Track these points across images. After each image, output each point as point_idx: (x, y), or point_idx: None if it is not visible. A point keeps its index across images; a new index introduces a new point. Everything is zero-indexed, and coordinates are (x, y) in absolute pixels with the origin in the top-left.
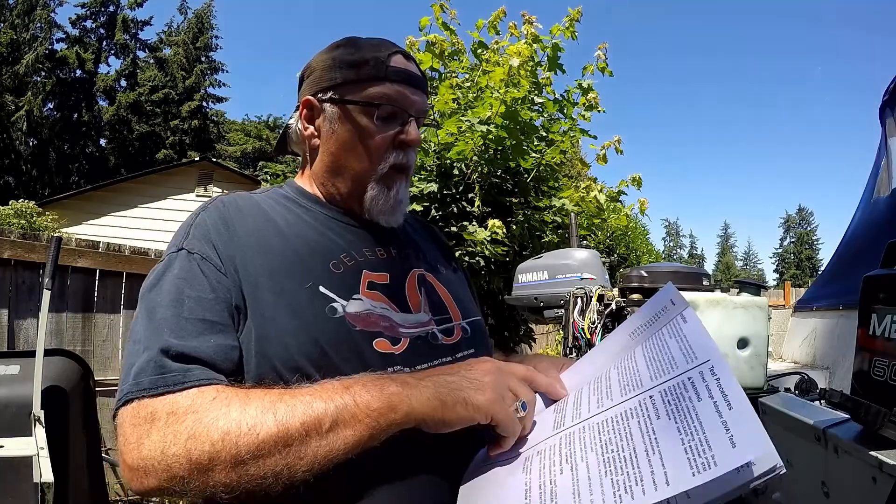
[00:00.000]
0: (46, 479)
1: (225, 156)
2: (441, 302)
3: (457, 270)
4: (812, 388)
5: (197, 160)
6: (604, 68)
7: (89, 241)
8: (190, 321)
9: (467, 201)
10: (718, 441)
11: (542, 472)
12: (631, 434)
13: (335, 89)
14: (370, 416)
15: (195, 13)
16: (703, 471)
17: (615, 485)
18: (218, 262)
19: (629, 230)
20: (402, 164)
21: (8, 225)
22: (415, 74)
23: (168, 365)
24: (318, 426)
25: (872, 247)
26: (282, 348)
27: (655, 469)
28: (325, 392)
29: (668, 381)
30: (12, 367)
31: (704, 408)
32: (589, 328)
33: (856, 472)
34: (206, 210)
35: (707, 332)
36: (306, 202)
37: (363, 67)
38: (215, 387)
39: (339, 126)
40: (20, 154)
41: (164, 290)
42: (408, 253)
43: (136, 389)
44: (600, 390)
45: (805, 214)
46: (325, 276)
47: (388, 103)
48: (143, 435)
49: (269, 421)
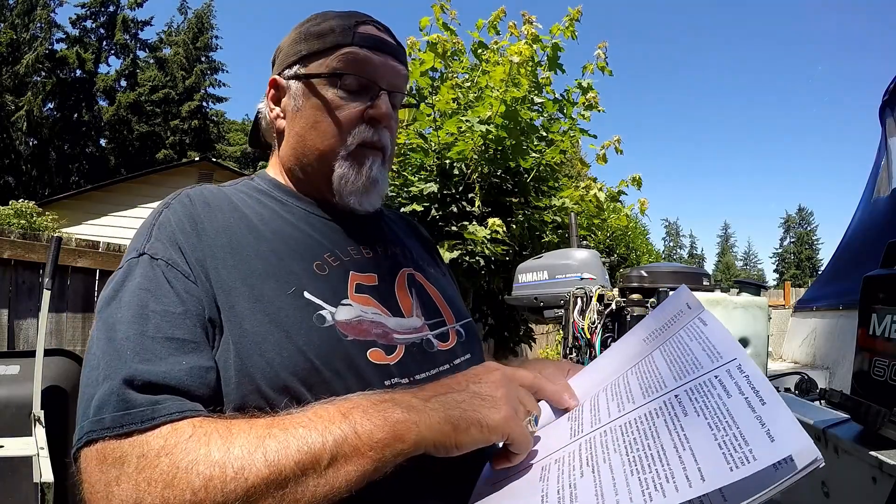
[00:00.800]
0: (46, 479)
1: (225, 156)
2: (433, 304)
3: (442, 268)
4: (812, 388)
5: (197, 160)
6: (603, 67)
7: (89, 241)
8: (157, 340)
9: (467, 201)
10: (755, 435)
11: (561, 478)
12: (657, 432)
13: (300, 63)
14: (374, 449)
15: (195, 13)
16: (742, 465)
17: (643, 483)
18: (186, 267)
19: (629, 230)
20: (372, 141)
21: (8, 225)
22: (386, 41)
23: (133, 399)
24: (315, 463)
25: (872, 247)
26: (265, 364)
27: (688, 465)
28: (321, 422)
29: (693, 381)
30: (12, 367)
31: (735, 403)
32: (589, 328)
33: (856, 472)
34: (170, 206)
35: (729, 332)
36: (280, 194)
37: (328, 36)
38: (190, 420)
39: (303, 102)
40: (20, 154)
41: (124, 303)
42: (394, 251)
43: (99, 428)
44: (619, 395)
45: (805, 214)
46: (310, 279)
47: (353, 72)
48: (111, 482)
49: (258, 462)
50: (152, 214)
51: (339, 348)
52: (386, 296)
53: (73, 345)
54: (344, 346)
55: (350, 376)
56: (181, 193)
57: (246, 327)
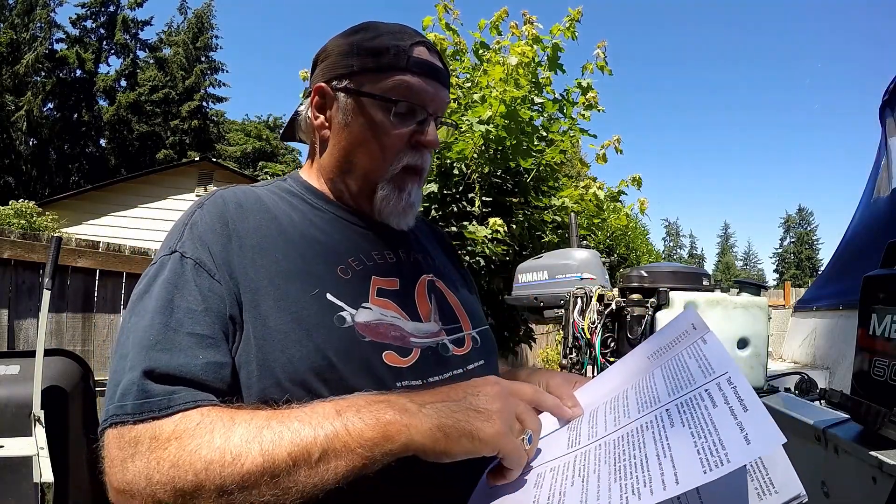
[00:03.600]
0: (46, 479)
1: (225, 156)
2: (451, 310)
3: (465, 276)
4: (812, 388)
5: (197, 160)
6: (603, 67)
7: (89, 241)
8: (179, 333)
9: (467, 201)
10: (732, 440)
11: (553, 486)
12: (644, 444)
13: (351, 78)
14: (363, 447)
15: (195, 13)
16: (716, 467)
17: (623, 488)
18: (212, 267)
19: (629, 230)
20: (416, 167)
21: (8, 225)
22: (438, 68)
23: (152, 389)
24: (306, 456)
25: (872, 247)
26: (286, 360)
27: (665, 471)
28: (315, 417)
29: (684, 395)
30: (12, 367)
31: (720, 413)
32: (589, 328)
33: (856, 472)
34: (203, 207)
35: (726, 351)
36: (312, 199)
37: (383, 56)
38: (199, 409)
39: (352, 119)
40: (20, 154)
41: (153, 296)
42: (417, 258)
43: (121, 413)
44: (617, 409)
45: (805, 214)
46: (333, 281)
47: (407, 99)
48: (126, 459)
49: (254, 450)
50: (186, 214)
51: (356, 348)
52: (406, 300)
53: (73, 345)
54: (361, 347)
55: (365, 375)
56: (215, 194)
57: (270, 324)
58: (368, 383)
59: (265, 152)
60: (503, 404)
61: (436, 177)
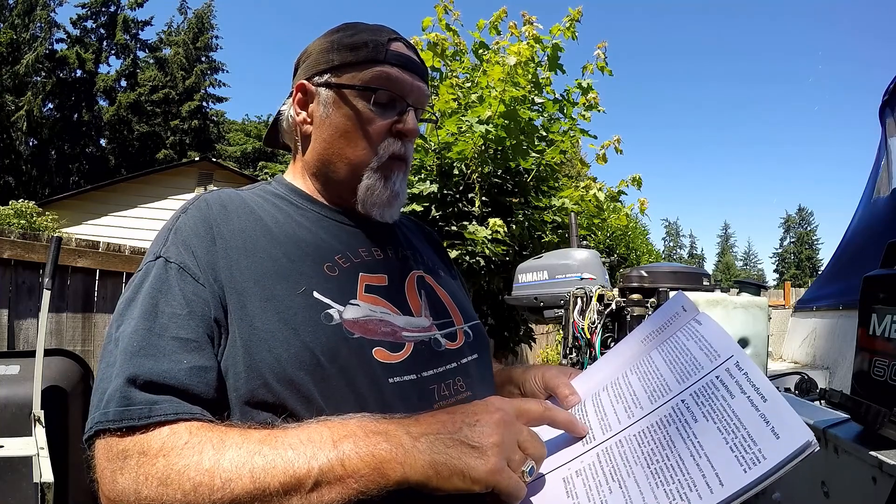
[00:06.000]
0: (46, 479)
1: (225, 156)
2: (442, 305)
3: (453, 273)
4: (812, 388)
5: (197, 160)
6: (603, 67)
7: (89, 241)
8: (163, 338)
9: (467, 201)
10: (761, 434)
11: (591, 494)
12: (672, 442)
13: (331, 72)
14: (358, 482)
15: (195, 13)
16: (754, 466)
17: (669, 494)
18: (196, 271)
19: (629, 230)
20: (401, 154)
21: (8, 225)
22: (415, 61)
23: (134, 397)
24: (299, 486)
25: (872, 247)
26: (273, 359)
27: (706, 472)
28: (311, 447)
29: (696, 383)
30: (12, 367)
31: (739, 404)
32: (589, 328)
33: (856, 472)
34: (187, 212)
35: (725, 331)
36: (297, 199)
37: (361, 50)
38: (188, 425)
39: (333, 111)
40: (20, 154)
41: (139, 303)
42: (406, 254)
43: (104, 420)
44: (625, 398)
45: (805, 214)
46: (320, 280)
47: (386, 88)
48: (116, 471)
49: (244, 477)
50: (171, 219)
51: (343, 345)
52: (396, 296)
53: (73, 345)
54: (349, 344)
55: (355, 372)
56: (200, 198)
57: (257, 325)
58: (359, 380)
59: (265, 152)
60: (501, 435)
61: (436, 177)
